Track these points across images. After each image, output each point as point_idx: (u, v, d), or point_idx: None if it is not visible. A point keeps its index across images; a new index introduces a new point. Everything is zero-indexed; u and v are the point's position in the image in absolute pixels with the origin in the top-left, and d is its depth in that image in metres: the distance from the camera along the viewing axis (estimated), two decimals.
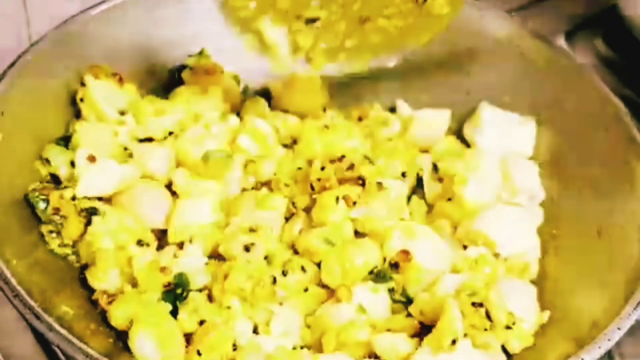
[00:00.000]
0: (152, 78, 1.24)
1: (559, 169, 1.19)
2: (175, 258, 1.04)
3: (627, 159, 1.11)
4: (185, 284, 1.03)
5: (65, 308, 0.99)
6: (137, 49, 1.22)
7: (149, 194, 1.10)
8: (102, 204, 1.07)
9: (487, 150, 1.21)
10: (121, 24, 1.19)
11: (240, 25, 1.16)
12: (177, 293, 1.02)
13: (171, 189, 1.12)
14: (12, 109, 1.06)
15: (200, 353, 0.97)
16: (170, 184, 1.13)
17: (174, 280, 1.02)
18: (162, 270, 1.01)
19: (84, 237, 1.05)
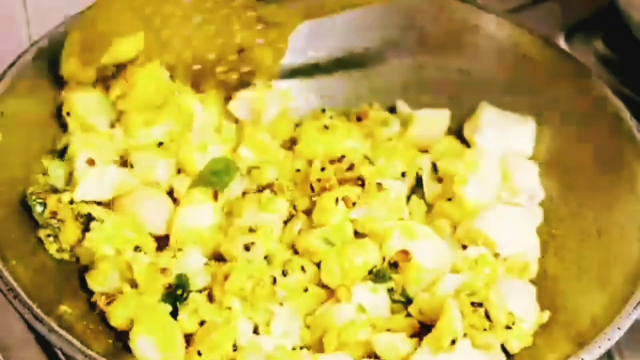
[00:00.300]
0: None
1: (558, 169, 1.19)
2: (175, 259, 1.04)
3: (627, 159, 1.11)
4: (185, 285, 1.02)
5: (65, 309, 0.99)
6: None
7: (149, 199, 1.09)
8: (101, 209, 1.06)
9: (487, 150, 1.21)
10: None
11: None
12: (177, 294, 1.02)
13: (172, 195, 1.12)
14: (12, 109, 1.06)
15: (200, 353, 0.97)
16: (170, 190, 1.13)
17: (174, 281, 1.02)
18: (162, 272, 1.01)
19: (82, 242, 1.04)
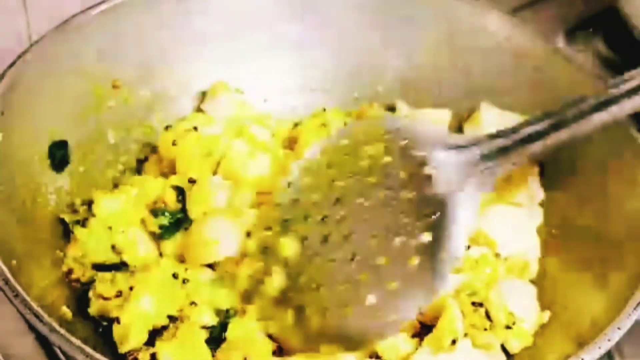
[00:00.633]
0: (152, 79, 1.24)
1: (558, 168, 1.19)
2: None
3: (627, 159, 1.11)
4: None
5: (66, 309, 1.00)
6: (137, 49, 1.22)
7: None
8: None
9: None
10: (121, 24, 1.19)
11: None
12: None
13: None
14: (12, 109, 1.05)
15: None
16: None
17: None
18: None
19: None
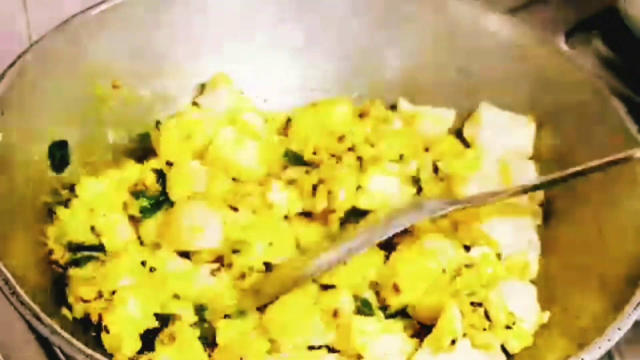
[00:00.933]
0: (152, 79, 1.24)
1: (558, 168, 1.19)
2: None
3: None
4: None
5: (66, 310, 1.00)
6: (137, 49, 1.22)
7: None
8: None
9: (487, 150, 1.21)
10: (121, 24, 1.19)
11: None
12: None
13: None
14: (12, 109, 1.05)
15: None
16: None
17: None
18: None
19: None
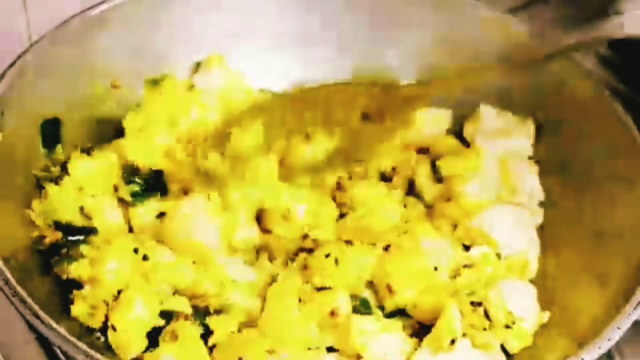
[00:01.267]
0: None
1: (558, 169, 1.19)
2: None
3: (627, 158, 1.11)
4: None
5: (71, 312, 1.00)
6: (137, 49, 1.22)
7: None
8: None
9: (487, 150, 1.21)
10: (121, 24, 1.19)
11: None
12: None
13: None
14: (12, 109, 1.06)
15: None
16: None
17: None
18: None
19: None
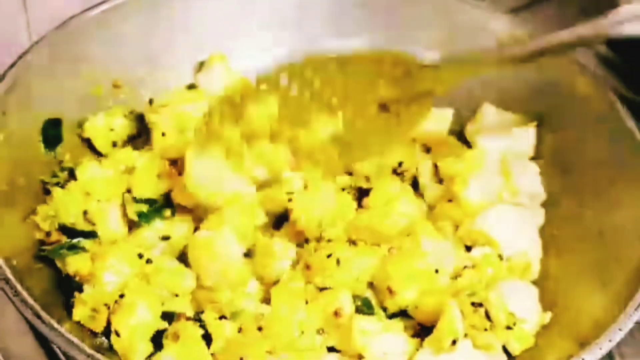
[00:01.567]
0: (152, 79, 1.24)
1: (559, 169, 1.19)
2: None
3: (627, 159, 1.11)
4: None
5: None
6: (137, 49, 1.22)
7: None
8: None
9: (489, 151, 1.21)
10: (121, 24, 1.19)
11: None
12: None
13: None
14: (12, 109, 1.06)
15: None
16: None
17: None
18: None
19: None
